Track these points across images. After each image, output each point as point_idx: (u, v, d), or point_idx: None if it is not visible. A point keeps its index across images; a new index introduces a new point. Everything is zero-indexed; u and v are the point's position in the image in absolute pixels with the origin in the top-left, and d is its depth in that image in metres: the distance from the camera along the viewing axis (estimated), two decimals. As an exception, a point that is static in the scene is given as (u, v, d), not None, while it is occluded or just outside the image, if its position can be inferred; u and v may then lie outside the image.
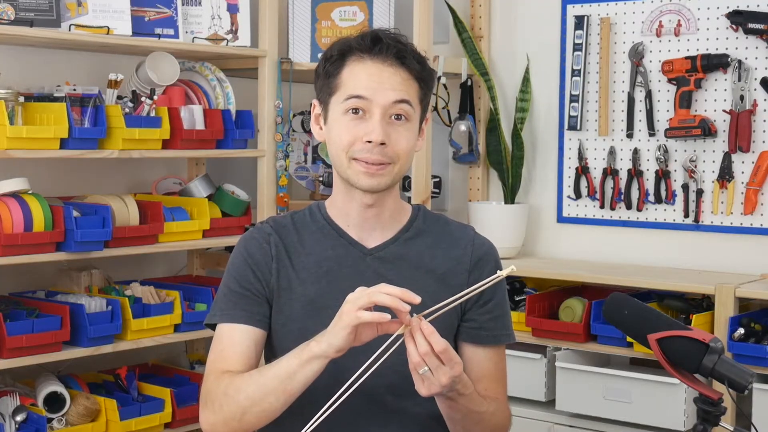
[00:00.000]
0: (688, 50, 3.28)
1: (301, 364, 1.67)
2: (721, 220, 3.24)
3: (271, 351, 1.90)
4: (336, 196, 1.91)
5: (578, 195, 3.51)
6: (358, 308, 1.61)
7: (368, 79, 1.80)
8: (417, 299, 1.61)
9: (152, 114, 2.90)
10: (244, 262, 1.88)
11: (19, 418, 2.61)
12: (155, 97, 2.94)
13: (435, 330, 1.61)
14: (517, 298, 3.31)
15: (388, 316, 1.60)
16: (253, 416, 1.73)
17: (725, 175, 3.21)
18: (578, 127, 3.47)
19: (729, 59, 3.18)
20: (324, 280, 1.86)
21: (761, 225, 3.18)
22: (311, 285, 1.85)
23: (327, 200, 1.94)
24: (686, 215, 3.29)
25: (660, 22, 3.34)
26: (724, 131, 3.20)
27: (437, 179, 3.65)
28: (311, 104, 1.93)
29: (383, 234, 1.89)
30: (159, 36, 2.98)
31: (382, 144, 1.79)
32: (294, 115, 3.35)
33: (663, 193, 3.34)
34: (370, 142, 1.78)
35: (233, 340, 1.83)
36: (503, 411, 1.90)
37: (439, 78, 3.43)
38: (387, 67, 1.81)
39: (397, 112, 1.81)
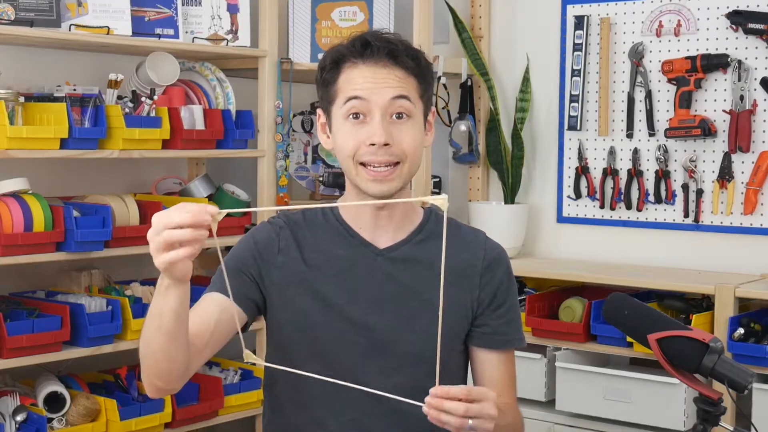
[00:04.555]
0: (688, 50, 3.28)
1: (161, 298, 1.58)
2: (721, 220, 3.24)
3: (277, 348, 1.89)
4: (348, 198, 1.90)
5: (578, 195, 3.51)
6: (158, 251, 1.48)
7: (364, 82, 1.80)
8: (210, 214, 1.48)
9: (152, 114, 2.90)
10: (248, 248, 1.88)
11: (19, 418, 2.61)
12: (155, 97, 2.94)
13: (447, 388, 1.57)
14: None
15: (189, 251, 1.48)
16: (151, 361, 1.67)
17: (725, 175, 3.21)
18: (578, 127, 3.47)
19: (729, 59, 3.18)
20: (335, 279, 1.86)
21: (761, 225, 3.18)
22: (322, 283, 1.85)
23: (338, 201, 1.94)
24: (686, 215, 3.29)
25: (660, 22, 3.34)
26: (724, 131, 3.20)
27: (437, 179, 3.65)
28: (316, 114, 1.93)
29: (395, 235, 1.89)
30: (159, 36, 2.98)
31: (386, 145, 1.78)
32: (294, 115, 3.34)
33: (663, 193, 3.34)
34: (373, 144, 1.78)
35: (201, 304, 1.78)
36: (518, 416, 1.92)
37: (439, 78, 3.43)
38: (381, 68, 1.80)
39: (397, 110, 1.80)
